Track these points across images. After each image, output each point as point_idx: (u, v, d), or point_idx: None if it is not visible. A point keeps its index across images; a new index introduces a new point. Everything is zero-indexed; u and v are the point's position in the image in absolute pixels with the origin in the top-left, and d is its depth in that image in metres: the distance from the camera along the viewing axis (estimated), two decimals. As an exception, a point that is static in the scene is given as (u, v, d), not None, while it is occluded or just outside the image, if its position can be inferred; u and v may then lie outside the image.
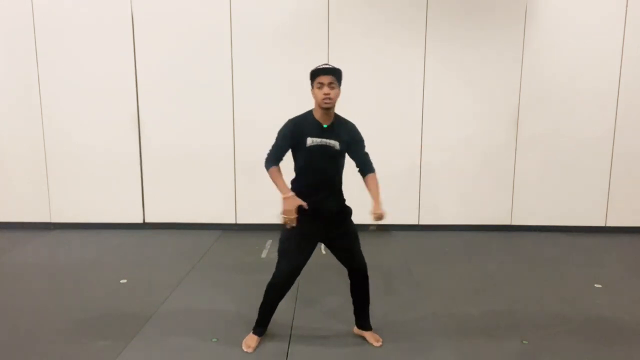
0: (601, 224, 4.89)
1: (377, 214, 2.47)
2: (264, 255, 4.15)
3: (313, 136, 2.49)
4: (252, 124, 4.64)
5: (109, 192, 4.79)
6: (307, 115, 2.56)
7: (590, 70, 4.64)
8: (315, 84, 2.45)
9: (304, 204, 2.43)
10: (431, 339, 2.77)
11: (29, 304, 3.18)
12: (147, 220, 4.87)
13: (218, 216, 4.87)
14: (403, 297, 3.34)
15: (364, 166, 2.63)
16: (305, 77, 2.52)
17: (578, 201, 4.84)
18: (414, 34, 4.58)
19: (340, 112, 2.60)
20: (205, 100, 4.66)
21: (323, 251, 2.69)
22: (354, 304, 2.74)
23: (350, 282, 2.69)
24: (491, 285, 3.56)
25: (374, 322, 2.78)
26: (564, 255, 4.25)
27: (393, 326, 2.89)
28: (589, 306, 3.22)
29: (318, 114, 2.52)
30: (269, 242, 4.48)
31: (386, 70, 4.63)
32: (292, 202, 2.42)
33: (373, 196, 2.55)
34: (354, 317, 2.78)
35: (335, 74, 2.44)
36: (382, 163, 4.71)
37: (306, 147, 2.49)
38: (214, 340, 2.73)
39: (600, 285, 3.57)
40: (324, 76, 2.42)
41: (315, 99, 2.48)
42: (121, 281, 3.56)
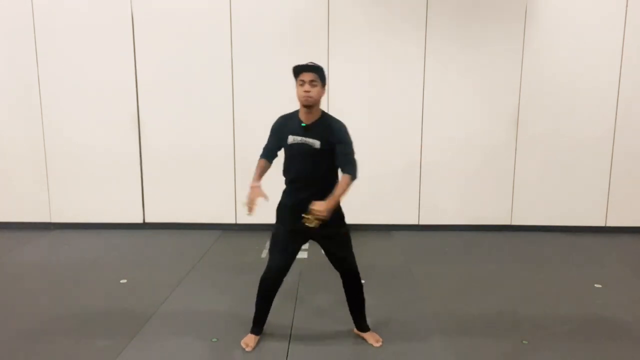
0: (601, 224, 4.88)
1: (315, 210, 2.33)
2: (264, 255, 4.15)
3: (294, 134, 2.50)
4: (252, 124, 4.63)
5: (109, 192, 4.79)
6: (295, 113, 2.58)
7: (590, 70, 4.64)
8: (297, 81, 2.45)
9: (265, 197, 2.47)
10: (431, 338, 2.77)
11: (29, 304, 3.18)
12: (147, 220, 4.87)
13: (218, 216, 4.87)
14: (403, 297, 3.34)
15: (342, 166, 2.50)
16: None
17: (578, 201, 4.84)
18: (414, 33, 4.57)
19: (340, 111, 2.60)
20: (205, 100, 4.66)
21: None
22: (348, 305, 2.74)
23: (342, 284, 2.69)
24: (491, 285, 3.56)
25: (373, 322, 2.78)
26: (564, 255, 4.25)
27: (393, 326, 2.89)
28: (589, 306, 3.22)
29: (301, 112, 2.53)
30: (269, 243, 4.47)
31: (386, 70, 4.62)
32: (254, 192, 2.50)
33: (332, 194, 2.42)
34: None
35: (316, 71, 2.42)
36: (382, 163, 4.80)
37: (287, 145, 2.53)
38: (214, 340, 2.73)
39: (600, 285, 3.56)
40: (305, 73, 2.42)
41: (297, 97, 2.48)
42: (121, 281, 3.56)
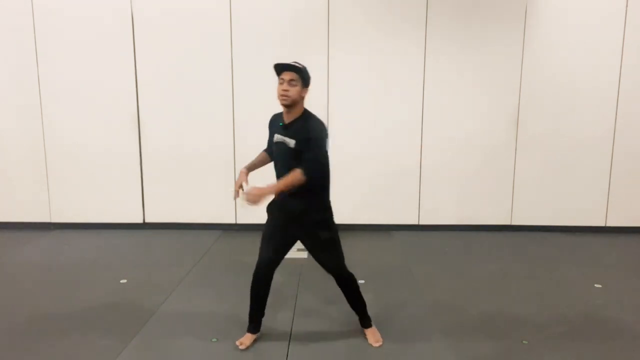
0: (601, 224, 4.88)
1: (247, 192, 2.30)
2: (264, 255, 4.15)
3: (277, 133, 2.53)
4: (252, 124, 4.63)
5: (109, 192, 4.79)
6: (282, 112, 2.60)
7: (590, 70, 4.64)
8: (278, 79, 2.45)
9: (246, 182, 2.52)
10: (431, 338, 2.77)
11: (29, 304, 3.18)
12: (147, 220, 4.87)
13: (218, 216, 4.87)
14: (403, 297, 3.34)
15: (301, 161, 2.39)
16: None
17: (578, 201, 4.84)
18: (414, 33, 4.57)
19: (340, 112, 2.60)
20: (205, 101, 4.66)
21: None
22: (349, 304, 2.76)
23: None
24: (491, 285, 3.56)
25: (373, 322, 2.78)
26: (564, 255, 4.25)
27: (393, 326, 2.89)
28: (589, 306, 3.22)
29: (283, 111, 2.53)
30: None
31: (386, 70, 4.62)
32: (239, 177, 2.56)
33: (275, 183, 2.41)
34: (354, 317, 2.78)
35: (297, 71, 2.40)
36: (382, 163, 4.80)
37: (273, 143, 2.56)
38: (214, 340, 2.73)
39: (600, 285, 3.56)
40: (286, 72, 2.41)
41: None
42: (121, 281, 3.56)
